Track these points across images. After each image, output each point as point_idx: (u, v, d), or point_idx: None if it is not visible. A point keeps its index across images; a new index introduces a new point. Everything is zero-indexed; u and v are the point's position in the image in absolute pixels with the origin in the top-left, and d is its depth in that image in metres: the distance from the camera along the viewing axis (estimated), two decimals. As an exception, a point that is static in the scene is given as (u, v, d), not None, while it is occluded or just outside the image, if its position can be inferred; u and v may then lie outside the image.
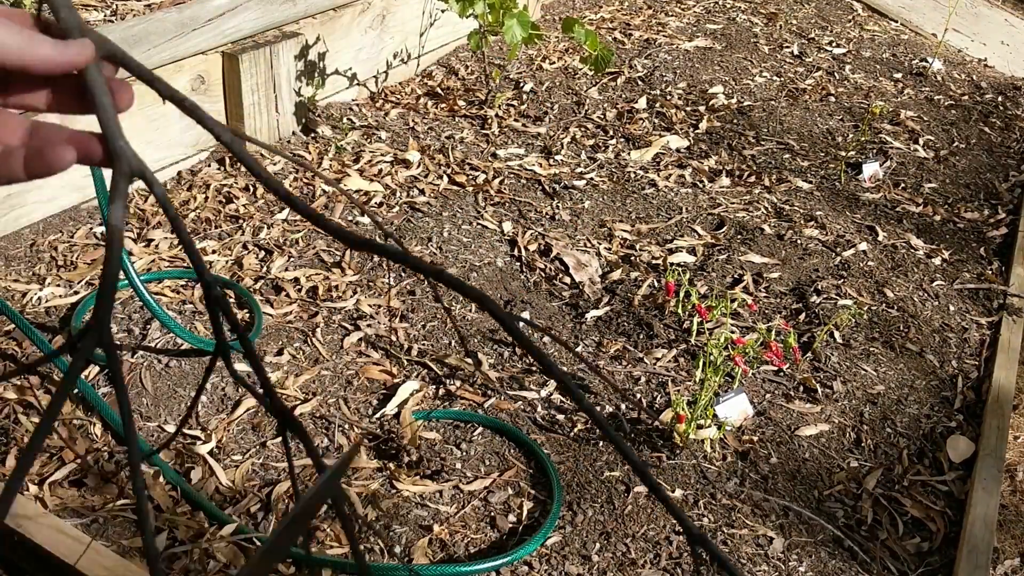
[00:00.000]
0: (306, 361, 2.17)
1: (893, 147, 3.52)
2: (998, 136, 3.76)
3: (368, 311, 2.35)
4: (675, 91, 3.69)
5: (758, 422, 2.17)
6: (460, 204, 2.81)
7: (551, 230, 2.76)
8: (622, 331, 2.40)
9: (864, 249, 2.84)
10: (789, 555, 1.86)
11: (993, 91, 4.15)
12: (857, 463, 2.11)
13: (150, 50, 2.54)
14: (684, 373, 2.27)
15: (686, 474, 2.00)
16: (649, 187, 3.06)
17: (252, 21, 2.83)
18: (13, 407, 1.91)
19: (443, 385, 2.15)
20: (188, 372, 2.07)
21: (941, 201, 3.23)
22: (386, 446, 1.98)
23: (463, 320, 2.36)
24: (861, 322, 2.51)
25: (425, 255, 2.56)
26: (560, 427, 2.09)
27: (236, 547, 1.70)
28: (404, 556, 1.76)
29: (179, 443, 1.92)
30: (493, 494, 1.91)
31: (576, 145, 3.25)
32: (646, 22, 4.28)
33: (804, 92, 3.83)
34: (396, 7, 3.34)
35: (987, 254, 2.97)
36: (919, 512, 2.01)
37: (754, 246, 2.77)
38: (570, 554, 1.80)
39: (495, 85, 3.46)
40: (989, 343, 2.56)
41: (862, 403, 2.27)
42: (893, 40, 4.49)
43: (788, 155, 3.36)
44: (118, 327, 2.17)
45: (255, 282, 2.39)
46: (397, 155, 3.01)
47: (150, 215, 2.57)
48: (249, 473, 1.88)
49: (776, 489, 2.00)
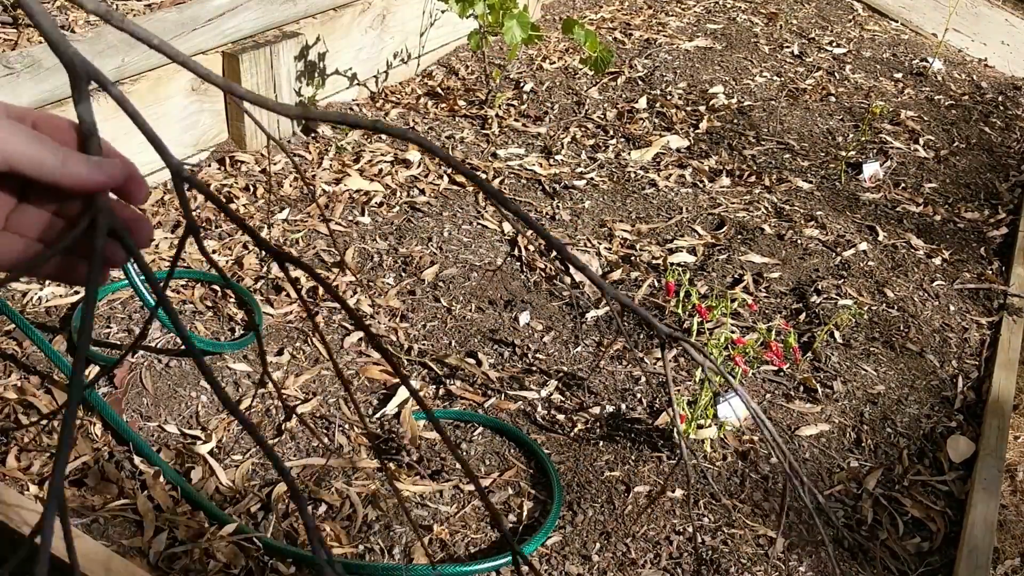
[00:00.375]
0: (306, 361, 2.17)
1: (893, 147, 3.52)
2: (998, 136, 3.76)
3: (368, 311, 2.35)
4: (675, 91, 3.69)
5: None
6: (460, 204, 2.81)
7: (551, 230, 2.76)
8: (622, 331, 2.40)
9: (864, 249, 2.84)
10: (789, 555, 1.86)
11: (993, 91, 4.15)
12: (857, 463, 2.11)
13: (150, 50, 2.54)
14: (684, 373, 2.27)
15: (686, 474, 2.00)
16: (649, 187, 3.06)
17: (252, 21, 2.83)
18: (13, 407, 1.92)
19: (443, 385, 2.15)
20: (188, 372, 2.07)
21: (941, 201, 3.23)
22: (386, 446, 1.98)
23: (462, 320, 2.36)
24: (861, 322, 2.51)
25: (425, 255, 2.56)
26: (560, 427, 2.09)
27: (236, 547, 1.70)
28: (404, 556, 1.76)
29: (179, 443, 1.92)
30: (493, 494, 1.91)
31: (576, 145, 3.25)
32: (646, 22, 4.28)
33: (804, 92, 3.83)
34: (396, 7, 3.34)
35: (987, 254, 2.97)
36: (919, 512, 2.01)
37: (754, 246, 2.77)
38: (570, 554, 1.80)
39: (495, 85, 3.46)
40: (989, 343, 2.56)
41: (862, 403, 2.27)
42: (893, 40, 4.49)
43: (788, 155, 3.36)
44: (118, 327, 2.17)
45: (255, 282, 2.39)
46: (397, 155, 3.01)
47: (150, 215, 2.57)
48: (249, 473, 1.88)
49: (776, 489, 2.00)
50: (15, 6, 2.75)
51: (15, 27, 2.73)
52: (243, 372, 2.09)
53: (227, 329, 2.23)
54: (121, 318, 2.19)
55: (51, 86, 2.34)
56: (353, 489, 1.87)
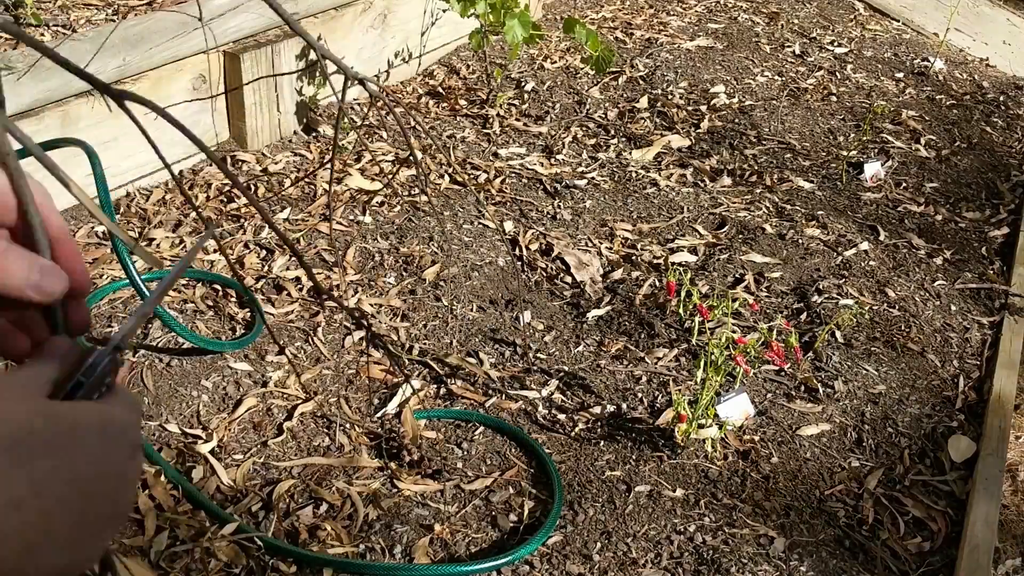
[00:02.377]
0: (307, 360, 2.17)
1: (895, 147, 3.51)
2: (1000, 136, 3.76)
3: (369, 310, 2.35)
4: (676, 90, 3.69)
5: (759, 422, 2.17)
6: (461, 203, 2.81)
7: (552, 229, 2.76)
8: (623, 330, 2.40)
9: (865, 249, 2.84)
10: (790, 555, 1.86)
11: (995, 91, 4.14)
12: (858, 463, 2.11)
13: (151, 49, 2.54)
14: (685, 373, 2.27)
15: (687, 473, 2.00)
16: (650, 186, 3.05)
17: (253, 20, 2.83)
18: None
19: (444, 384, 2.15)
20: (189, 371, 2.07)
21: (943, 201, 3.23)
22: (387, 445, 1.98)
23: (463, 320, 2.36)
24: (862, 322, 2.51)
25: (427, 254, 2.56)
26: (561, 427, 2.09)
27: (237, 546, 1.70)
28: (405, 555, 1.76)
29: (181, 442, 1.92)
30: (494, 493, 1.91)
31: (577, 144, 3.25)
32: (647, 21, 4.28)
33: (806, 92, 3.83)
34: (397, 6, 3.34)
35: (989, 254, 2.96)
36: (920, 512, 2.00)
37: (755, 246, 2.77)
38: (571, 553, 1.80)
39: (496, 84, 3.46)
40: (991, 343, 2.56)
41: (863, 403, 2.27)
42: (895, 39, 4.48)
43: (789, 155, 3.36)
44: (120, 326, 2.17)
45: (256, 281, 2.39)
46: (398, 154, 3.01)
47: (151, 214, 2.57)
48: (250, 472, 1.88)
49: (777, 489, 2.00)
50: (16, 5, 2.75)
51: (17, 26, 2.73)
52: (244, 371, 2.09)
53: (228, 328, 2.23)
54: (123, 317, 2.19)
55: (52, 85, 2.34)
56: (354, 488, 1.87)
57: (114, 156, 2.52)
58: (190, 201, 0.58)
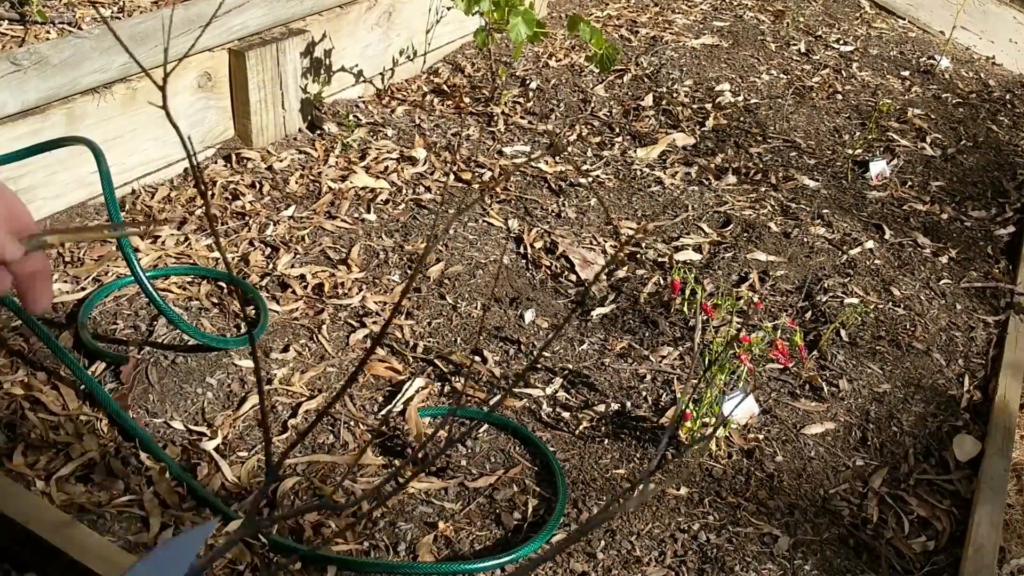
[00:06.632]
0: (312, 358, 2.18)
1: (900, 145, 3.51)
2: (1006, 134, 3.75)
3: (374, 308, 2.35)
4: (681, 89, 3.68)
5: (764, 420, 2.17)
6: (466, 201, 2.81)
7: (557, 228, 2.76)
8: (628, 329, 2.39)
9: (871, 247, 2.83)
10: (794, 553, 1.86)
11: (1001, 89, 4.13)
12: (863, 462, 2.11)
13: (156, 46, 2.54)
14: (689, 371, 2.27)
15: (691, 472, 2.00)
16: (655, 185, 3.05)
17: (259, 18, 2.83)
18: (20, 403, 1.92)
19: (448, 382, 2.15)
20: (194, 368, 2.07)
21: (948, 199, 3.22)
22: (392, 443, 1.98)
23: (468, 318, 2.36)
24: (867, 320, 2.50)
25: (431, 253, 2.56)
26: (565, 425, 2.09)
27: (242, 543, 1.70)
28: (409, 553, 1.76)
29: (185, 439, 1.93)
30: (498, 491, 1.91)
31: (582, 143, 3.25)
32: (653, 19, 4.28)
33: (811, 90, 3.82)
34: (402, 4, 3.34)
35: (994, 252, 2.96)
36: (925, 511, 2.00)
37: (760, 244, 2.77)
38: (575, 551, 1.80)
39: (501, 82, 3.46)
40: (996, 342, 2.55)
41: (868, 402, 2.27)
42: (901, 38, 4.47)
43: (795, 153, 3.35)
44: (124, 324, 2.17)
45: (261, 279, 2.39)
46: (403, 152, 3.01)
47: (156, 212, 2.58)
48: (255, 469, 1.88)
49: (781, 487, 2.00)
50: (22, 2, 2.76)
51: (22, 24, 2.74)
52: (248, 368, 2.10)
53: (232, 326, 2.23)
54: (127, 314, 2.20)
55: (57, 83, 2.35)
56: (358, 486, 1.87)
57: (119, 153, 2.52)
58: (204, 197, 0.58)
